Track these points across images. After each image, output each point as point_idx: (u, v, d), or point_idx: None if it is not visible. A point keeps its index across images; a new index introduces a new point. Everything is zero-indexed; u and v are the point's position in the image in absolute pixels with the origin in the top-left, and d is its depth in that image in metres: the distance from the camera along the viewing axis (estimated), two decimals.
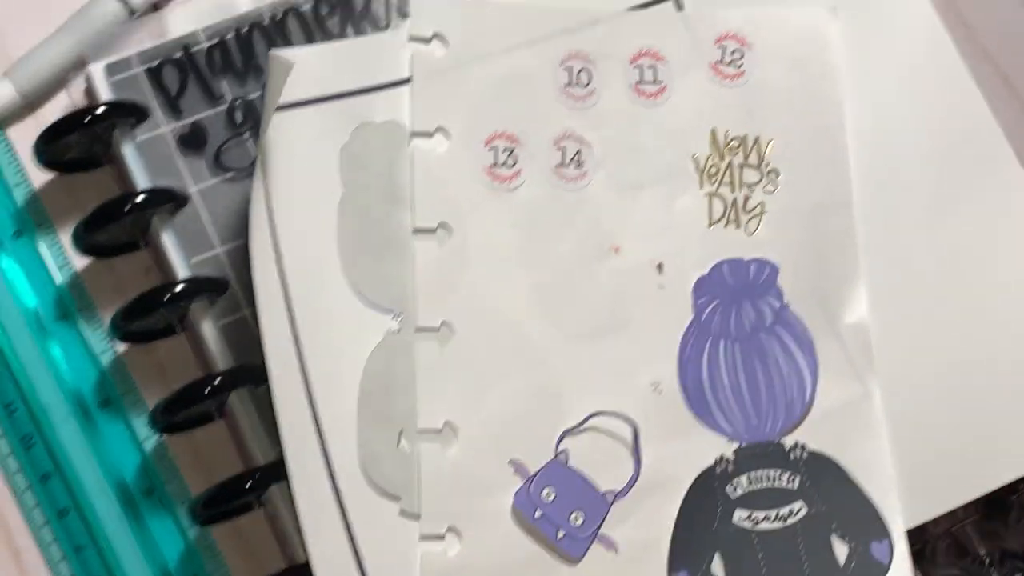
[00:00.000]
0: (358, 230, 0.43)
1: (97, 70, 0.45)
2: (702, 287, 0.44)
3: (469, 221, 0.44)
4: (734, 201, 0.45)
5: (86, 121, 0.44)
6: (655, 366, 0.44)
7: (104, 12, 0.47)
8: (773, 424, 0.43)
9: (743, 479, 0.43)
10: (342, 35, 0.46)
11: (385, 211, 0.43)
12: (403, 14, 0.47)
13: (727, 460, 0.43)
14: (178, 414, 0.43)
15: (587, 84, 0.45)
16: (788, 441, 0.43)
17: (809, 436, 0.43)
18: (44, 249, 0.46)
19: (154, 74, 0.45)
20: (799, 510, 0.43)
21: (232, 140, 0.45)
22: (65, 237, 0.46)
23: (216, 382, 0.43)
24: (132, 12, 0.47)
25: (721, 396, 0.43)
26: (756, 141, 0.45)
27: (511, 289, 0.44)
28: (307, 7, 0.46)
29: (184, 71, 0.45)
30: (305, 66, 0.43)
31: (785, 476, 0.43)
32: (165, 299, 0.43)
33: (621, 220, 0.45)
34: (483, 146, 0.44)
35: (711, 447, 0.43)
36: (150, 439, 0.45)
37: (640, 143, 0.45)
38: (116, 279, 0.46)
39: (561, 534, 0.42)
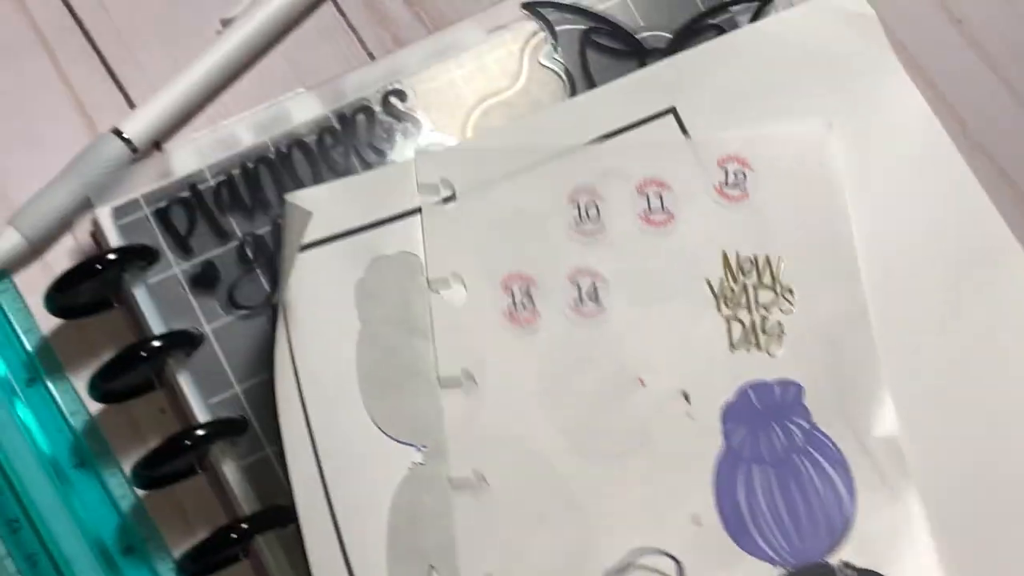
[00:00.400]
0: (377, 364, 0.43)
1: (104, 214, 0.45)
2: (730, 413, 0.44)
3: (493, 368, 0.44)
4: (752, 323, 0.45)
5: (98, 269, 0.43)
6: (692, 498, 0.43)
7: (107, 153, 0.47)
8: (817, 545, 0.43)
9: None
10: (347, 164, 0.46)
11: (403, 343, 0.43)
12: (405, 137, 0.47)
13: None
14: (206, 560, 0.43)
15: (596, 217, 0.46)
16: (835, 560, 0.43)
17: (855, 553, 0.43)
18: (57, 395, 0.46)
19: (162, 215, 0.45)
20: None
21: (244, 277, 0.45)
22: (77, 381, 0.46)
23: (244, 526, 0.42)
24: (134, 151, 0.47)
25: (762, 522, 0.43)
26: (767, 261, 0.46)
27: (541, 432, 0.43)
28: (311, 138, 0.47)
29: (192, 210, 0.45)
30: (317, 206, 0.43)
31: None
32: (187, 445, 0.42)
33: (643, 351, 0.45)
34: (499, 290, 0.44)
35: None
36: None
37: (654, 272, 0.45)
38: (132, 422, 0.46)
39: None
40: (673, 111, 0.47)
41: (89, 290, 0.45)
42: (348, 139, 0.47)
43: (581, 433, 0.43)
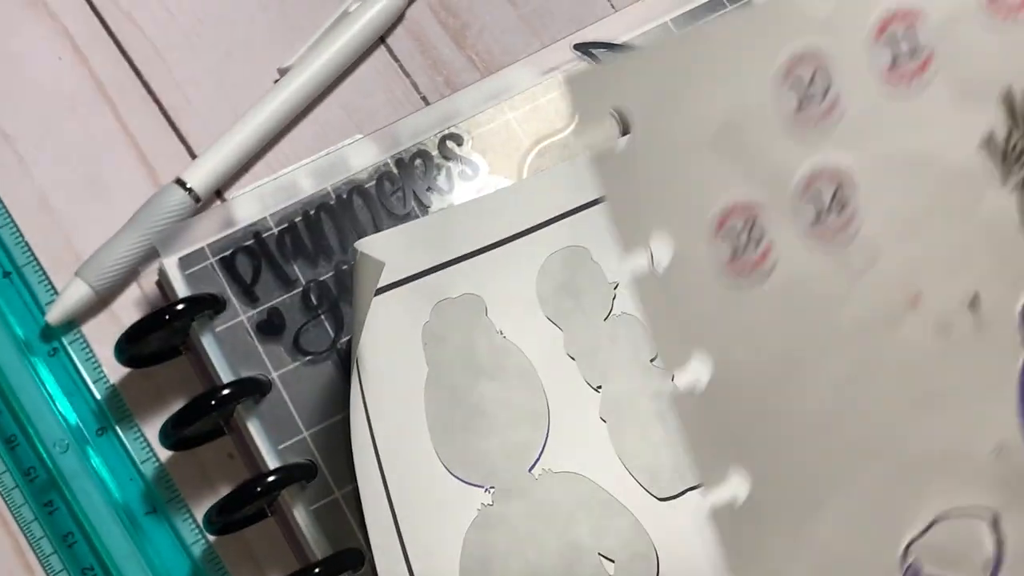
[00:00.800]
0: (445, 407, 0.44)
1: (171, 264, 0.46)
2: None
3: (726, 338, 0.36)
4: None
5: (167, 319, 0.44)
6: (993, 427, 0.37)
7: (170, 204, 0.47)
8: None
9: None
10: (406, 208, 0.47)
11: (468, 385, 0.44)
12: (465, 178, 0.48)
13: None
14: None
15: (825, 93, 0.36)
16: None
17: None
18: (128, 443, 0.46)
19: (227, 264, 0.46)
20: None
21: (309, 323, 0.46)
22: (147, 429, 0.47)
23: (317, 570, 0.43)
24: (197, 200, 0.48)
25: None
26: None
27: (801, 398, 0.36)
28: (370, 184, 0.47)
29: (256, 258, 0.46)
30: (383, 253, 0.44)
31: None
32: (260, 491, 0.43)
33: (912, 260, 0.36)
34: (714, 236, 0.36)
35: None
36: None
37: (915, 148, 0.36)
38: (200, 468, 0.47)
39: None
40: None
41: (157, 339, 0.45)
42: (407, 183, 0.48)
43: (853, 385, 0.36)
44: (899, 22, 0.35)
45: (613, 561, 0.43)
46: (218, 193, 0.49)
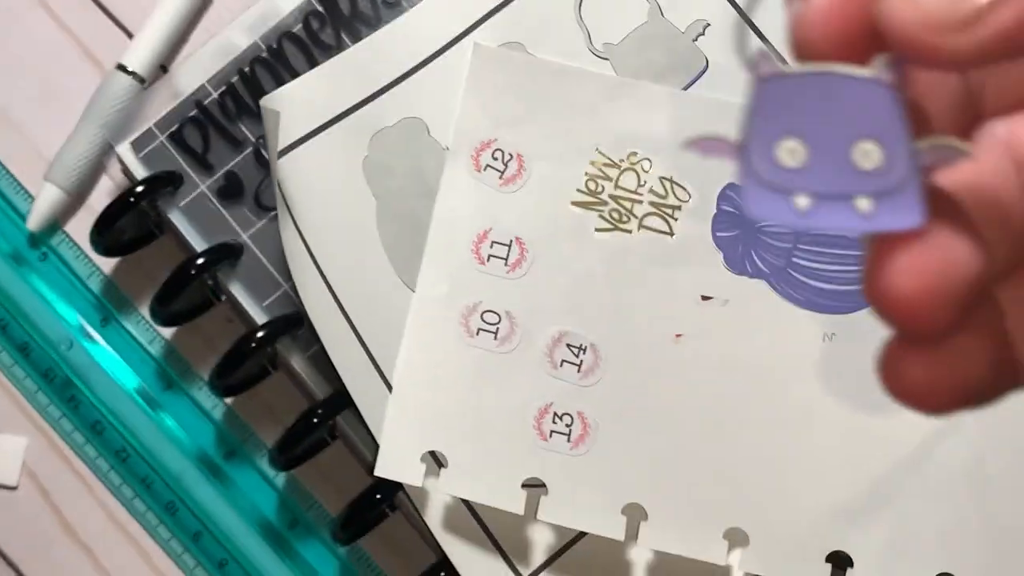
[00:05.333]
0: (401, 233, 0.44)
1: (124, 150, 0.47)
2: None
3: None
4: None
5: (130, 202, 0.45)
6: None
7: (115, 90, 0.48)
8: None
9: None
10: (339, 44, 0.47)
11: (423, 206, 0.44)
12: (389, 5, 0.47)
13: None
14: (296, 448, 0.45)
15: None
16: None
17: None
18: (132, 329, 0.48)
19: (176, 138, 0.47)
20: None
21: (266, 180, 0.46)
22: (147, 312, 0.48)
23: (320, 411, 0.44)
24: (143, 81, 0.48)
25: None
26: None
27: None
28: (298, 28, 0.47)
29: (203, 127, 0.47)
30: (302, 98, 0.43)
31: None
32: (251, 348, 0.44)
33: None
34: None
35: None
36: (280, 476, 0.47)
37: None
38: (205, 338, 0.48)
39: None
40: None
41: (132, 225, 0.47)
42: (334, 19, 0.47)
43: None
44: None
45: None
46: (164, 68, 0.49)
